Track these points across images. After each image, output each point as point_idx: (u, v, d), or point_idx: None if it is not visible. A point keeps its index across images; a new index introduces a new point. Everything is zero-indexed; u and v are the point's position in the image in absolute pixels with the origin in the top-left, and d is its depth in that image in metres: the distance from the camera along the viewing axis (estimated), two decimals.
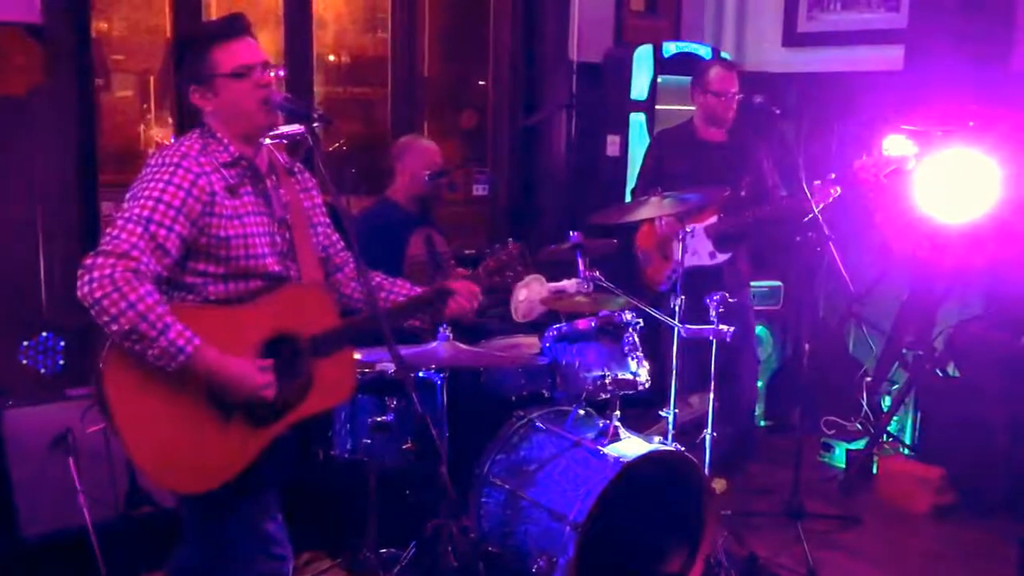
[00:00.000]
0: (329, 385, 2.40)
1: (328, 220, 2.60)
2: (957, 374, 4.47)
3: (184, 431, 2.20)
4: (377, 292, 2.54)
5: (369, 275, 2.42)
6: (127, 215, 2.15)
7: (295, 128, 2.39)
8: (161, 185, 2.18)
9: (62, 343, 3.12)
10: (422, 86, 5.26)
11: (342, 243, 2.64)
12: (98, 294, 2.05)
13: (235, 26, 2.32)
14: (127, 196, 2.21)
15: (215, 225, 2.24)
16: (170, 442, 2.19)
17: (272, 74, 2.33)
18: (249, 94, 2.28)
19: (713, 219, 4.11)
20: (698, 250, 4.08)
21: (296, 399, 2.34)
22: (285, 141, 2.58)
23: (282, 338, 2.31)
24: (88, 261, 2.09)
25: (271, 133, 2.35)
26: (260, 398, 2.25)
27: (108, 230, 2.15)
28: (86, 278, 2.07)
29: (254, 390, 2.23)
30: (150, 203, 2.16)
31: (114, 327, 2.06)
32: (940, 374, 4.51)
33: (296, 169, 2.49)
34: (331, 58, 6.99)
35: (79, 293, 2.07)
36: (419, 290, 2.61)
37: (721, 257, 4.13)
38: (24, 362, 3.05)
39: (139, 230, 2.13)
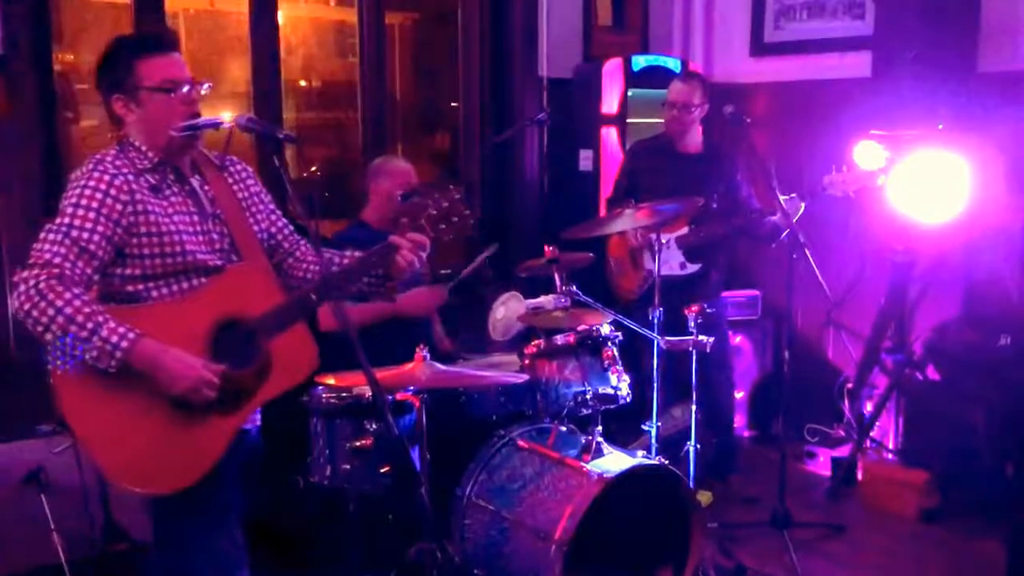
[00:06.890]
0: (289, 361, 2.34)
1: (273, 207, 2.54)
2: (937, 377, 4.47)
3: (148, 432, 2.16)
4: (328, 264, 2.47)
5: (321, 248, 2.38)
6: (49, 227, 2.17)
7: (212, 119, 2.33)
8: (77, 191, 2.19)
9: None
10: (393, 110, 5.23)
11: (290, 228, 2.58)
12: (27, 306, 2.06)
13: (163, 41, 2.32)
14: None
15: (143, 223, 2.22)
16: (135, 445, 2.15)
17: (201, 91, 2.31)
18: (175, 109, 2.27)
19: (684, 230, 4.11)
20: (669, 260, 4.08)
21: (257, 382, 2.29)
22: (195, 133, 2.42)
23: (230, 324, 2.27)
24: (16, 278, 2.10)
25: (183, 124, 2.27)
26: (200, 397, 2.17)
27: (34, 244, 2.16)
28: (15, 293, 2.08)
29: (196, 384, 2.14)
30: (68, 210, 2.18)
31: (48, 336, 2.06)
32: (920, 377, 4.51)
33: (227, 163, 2.45)
34: (302, 83, 6.97)
35: (11, 310, 2.09)
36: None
37: (691, 268, 4.13)
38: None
39: (59, 238, 2.14)
